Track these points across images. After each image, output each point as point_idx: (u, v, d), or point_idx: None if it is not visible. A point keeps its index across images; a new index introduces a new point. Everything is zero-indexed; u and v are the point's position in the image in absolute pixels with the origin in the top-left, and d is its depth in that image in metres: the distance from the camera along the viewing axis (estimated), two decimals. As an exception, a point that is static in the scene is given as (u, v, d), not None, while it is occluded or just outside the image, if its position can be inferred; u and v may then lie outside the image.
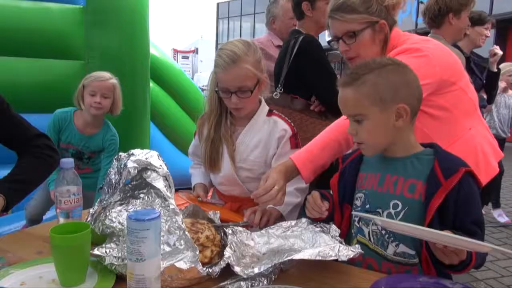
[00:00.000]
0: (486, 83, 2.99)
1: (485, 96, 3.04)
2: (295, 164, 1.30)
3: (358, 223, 1.17)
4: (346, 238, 1.21)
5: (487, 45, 3.08)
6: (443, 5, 2.39)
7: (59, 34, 2.92)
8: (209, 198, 1.61)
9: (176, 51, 31.02)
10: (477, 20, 2.86)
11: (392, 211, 1.08)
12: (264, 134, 1.53)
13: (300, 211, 1.50)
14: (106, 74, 2.35)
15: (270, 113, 1.57)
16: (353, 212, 1.16)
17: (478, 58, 3.04)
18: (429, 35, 2.50)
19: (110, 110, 2.37)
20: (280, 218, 1.44)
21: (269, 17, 2.72)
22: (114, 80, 2.36)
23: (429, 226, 0.98)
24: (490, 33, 2.93)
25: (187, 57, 31.62)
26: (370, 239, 1.13)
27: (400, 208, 1.07)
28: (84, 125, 2.36)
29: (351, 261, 1.02)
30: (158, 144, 3.90)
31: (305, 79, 2.01)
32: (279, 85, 2.06)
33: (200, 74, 24.73)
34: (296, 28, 2.17)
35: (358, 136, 1.10)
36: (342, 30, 1.42)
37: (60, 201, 1.16)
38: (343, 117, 1.22)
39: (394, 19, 1.44)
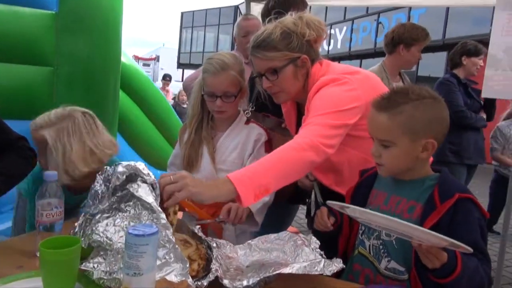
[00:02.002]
0: (485, 103, 3.22)
1: (484, 116, 3.25)
2: (232, 182, 1.13)
3: (362, 235, 1.24)
4: (354, 249, 1.27)
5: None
6: (397, 36, 2.68)
7: (29, 39, 2.82)
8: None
9: (137, 58, 30.41)
10: (473, 52, 3.14)
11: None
12: (242, 137, 1.63)
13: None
14: None
15: (248, 121, 1.69)
16: (328, 202, 1.13)
17: (471, 82, 3.29)
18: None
19: None
20: (251, 215, 1.50)
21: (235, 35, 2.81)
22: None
23: None
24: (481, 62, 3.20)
25: (148, 65, 31.08)
26: (370, 252, 1.20)
27: None
28: None
29: (353, 269, 1.11)
30: (123, 152, 3.82)
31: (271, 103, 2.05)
32: (251, 103, 2.12)
33: (161, 83, 24.34)
34: None
35: (381, 159, 1.13)
36: (264, 67, 1.42)
37: (41, 214, 1.14)
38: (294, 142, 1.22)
39: (316, 53, 1.45)
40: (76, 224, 1.11)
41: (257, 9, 3.79)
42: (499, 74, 2.74)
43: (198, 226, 1.26)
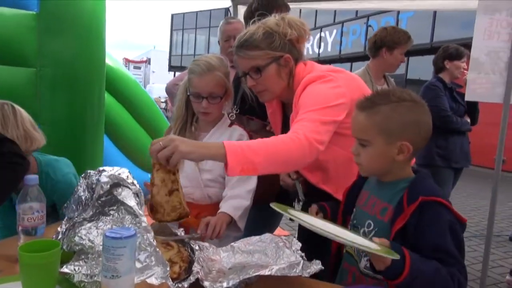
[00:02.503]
0: (468, 106, 3.27)
1: (468, 120, 3.30)
2: (224, 146, 1.14)
3: None
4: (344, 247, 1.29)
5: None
6: (379, 40, 2.75)
7: (10, 40, 2.80)
8: None
9: (127, 61, 30.24)
10: (455, 56, 3.20)
11: (366, 230, 1.17)
12: (225, 138, 1.64)
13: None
14: None
15: (231, 124, 1.71)
16: (271, 204, 1.18)
17: (456, 86, 3.33)
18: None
19: None
20: (232, 222, 1.50)
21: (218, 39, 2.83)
22: None
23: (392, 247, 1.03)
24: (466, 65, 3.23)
25: (139, 68, 30.94)
26: (354, 250, 1.22)
27: (372, 227, 1.16)
28: None
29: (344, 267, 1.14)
30: (110, 154, 3.81)
31: (257, 105, 2.07)
32: (235, 106, 2.13)
33: (153, 85, 24.25)
34: None
35: (359, 158, 1.16)
36: (247, 66, 1.46)
37: (23, 218, 1.14)
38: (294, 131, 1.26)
39: (299, 52, 1.48)
40: (58, 228, 1.12)
41: (244, 12, 3.82)
42: (482, 77, 2.80)
43: (181, 229, 1.27)
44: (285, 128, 1.63)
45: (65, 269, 0.96)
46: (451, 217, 1.05)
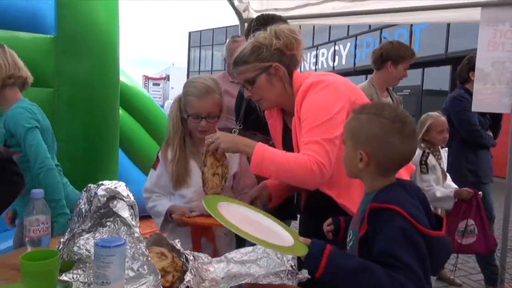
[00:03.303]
0: (492, 121, 3.23)
1: (491, 134, 3.25)
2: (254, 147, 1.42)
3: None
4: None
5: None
6: (385, 53, 2.76)
7: (29, 63, 2.95)
8: (192, 213, 1.65)
9: (147, 78, 30.95)
10: None
11: (348, 238, 1.23)
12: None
13: None
14: None
15: None
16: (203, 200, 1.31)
17: None
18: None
19: None
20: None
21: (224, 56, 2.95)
22: None
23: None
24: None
25: (158, 84, 31.59)
26: None
27: (351, 237, 1.21)
28: None
29: None
30: (126, 169, 3.92)
31: (263, 116, 2.14)
32: (238, 121, 2.19)
33: (171, 101, 24.63)
34: None
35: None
36: (241, 79, 1.59)
37: (29, 230, 1.22)
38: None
39: (291, 58, 1.55)
40: (61, 239, 1.19)
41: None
42: (488, 88, 2.80)
43: (177, 240, 1.32)
44: (285, 138, 1.69)
45: (64, 277, 1.03)
46: (404, 223, 1.03)
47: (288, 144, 1.59)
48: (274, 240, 1.10)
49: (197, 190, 1.64)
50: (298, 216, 1.92)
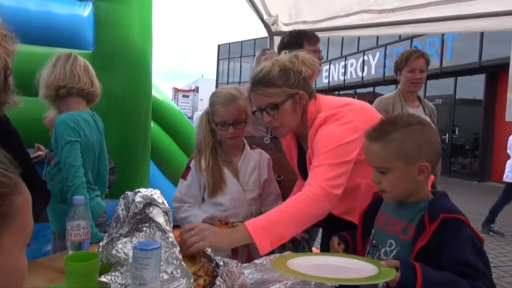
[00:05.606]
0: None
1: None
2: (247, 228, 1.27)
3: (367, 255, 1.31)
4: None
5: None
6: (395, 65, 2.90)
7: (69, 77, 3.14)
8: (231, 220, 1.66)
9: (176, 90, 31.69)
10: None
11: (388, 249, 1.22)
12: (256, 160, 1.82)
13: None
14: None
15: (251, 147, 1.86)
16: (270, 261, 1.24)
17: None
18: None
19: None
20: None
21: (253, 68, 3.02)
22: None
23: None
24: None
25: (188, 96, 32.25)
26: None
27: (393, 246, 1.20)
28: None
29: None
30: (156, 179, 4.05)
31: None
32: (269, 131, 2.24)
33: (200, 113, 25.05)
34: None
35: (381, 185, 1.22)
36: (264, 103, 1.50)
37: (71, 234, 1.30)
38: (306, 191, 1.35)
39: (311, 88, 1.54)
40: (101, 243, 1.26)
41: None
42: (522, 97, 2.73)
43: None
44: (301, 160, 1.70)
45: (103, 279, 1.10)
46: (472, 233, 1.08)
47: (304, 171, 1.57)
48: (358, 274, 1.06)
49: (233, 197, 1.72)
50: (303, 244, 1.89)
